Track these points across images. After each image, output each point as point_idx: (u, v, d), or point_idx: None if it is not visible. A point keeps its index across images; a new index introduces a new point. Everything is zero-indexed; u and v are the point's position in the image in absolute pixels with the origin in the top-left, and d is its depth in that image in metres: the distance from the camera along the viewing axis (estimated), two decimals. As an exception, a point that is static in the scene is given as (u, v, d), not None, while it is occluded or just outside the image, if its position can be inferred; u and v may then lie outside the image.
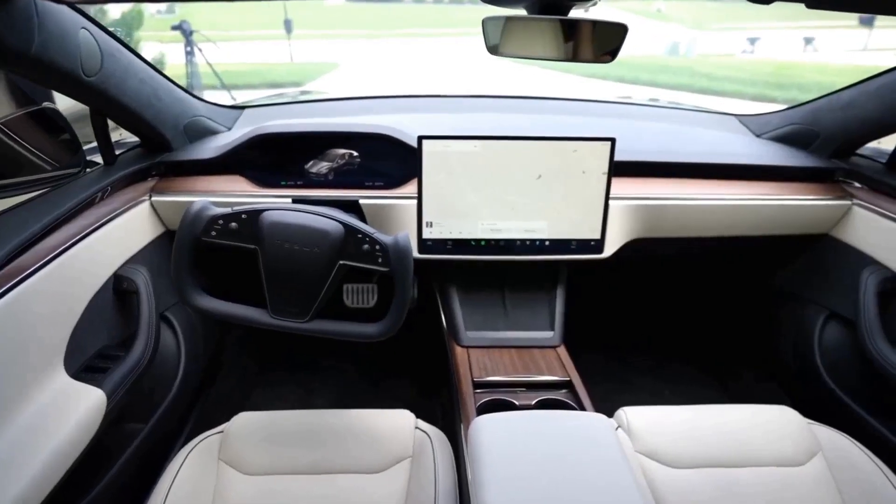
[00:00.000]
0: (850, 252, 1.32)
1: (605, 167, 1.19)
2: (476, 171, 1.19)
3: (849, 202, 1.32)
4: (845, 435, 1.07)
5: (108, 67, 0.98)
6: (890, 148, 1.29)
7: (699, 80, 9.36)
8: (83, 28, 0.89)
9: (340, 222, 0.93)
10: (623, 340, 2.06)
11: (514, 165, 1.19)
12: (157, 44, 6.34)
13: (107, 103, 1.05)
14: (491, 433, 0.87)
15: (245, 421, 1.06)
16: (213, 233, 0.93)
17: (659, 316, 2.12)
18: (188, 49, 5.22)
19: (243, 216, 0.93)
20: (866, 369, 1.19)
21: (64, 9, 0.83)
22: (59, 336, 0.95)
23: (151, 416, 1.18)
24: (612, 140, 1.17)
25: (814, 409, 1.39)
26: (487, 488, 0.76)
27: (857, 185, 1.35)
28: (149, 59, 1.19)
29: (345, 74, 9.75)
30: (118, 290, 1.12)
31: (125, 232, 1.16)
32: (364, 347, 1.95)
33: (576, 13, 0.86)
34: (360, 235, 0.93)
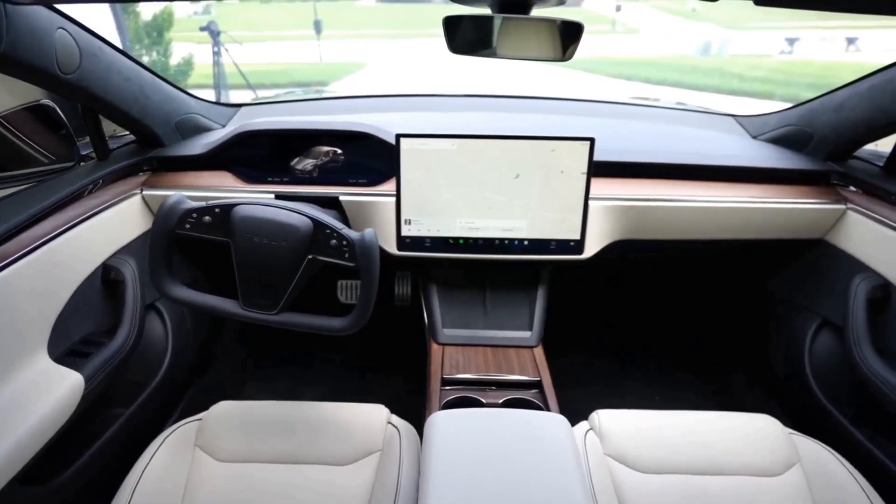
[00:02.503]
0: (844, 258, 1.28)
1: (584, 167, 1.18)
2: (453, 169, 1.19)
3: (843, 206, 1.27)
4: (826, 447, 1.04)
5: (88, 66, 1.03)
6: (888, 150, 1.24)
7: (730, 81, 9.10)
8: (60, 28, 0.94)
9: (309, 217, 0.95)
10: (617, 343, 2.03)
11: (492, 164, 1.19)
12: (189, 44, 6.53)
13: (90, 99, 1.10)
14: (443, 429, 0.88)
15: (224, 409, 1.09)
16: (188, 225, 0.96)
17: (653, 319, 2.09)
18: (215, 49, 5.39)
19: (216, 210, 0.96)
20: (854, 379, 1.15)
21: (39, 10, 0.87)
22: (44, 321, 1.00)
23: (134, 401, 1.23)
24: (591, 140, 1.16)
25: (801, 418, 1.35)
26: (431, 484, 0.77)
27: (852, 188, 1.30)
28: (178, 59, 1.23)
29: (370, 74, 9.85)
30: (106, 279, 1.17)
31: (115, 224, 1.21)
32: (356, 343, 1.98)
33: (538, 12, 0.87)
34: (328, 231, 0.95)
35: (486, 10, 0.87)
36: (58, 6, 0.92)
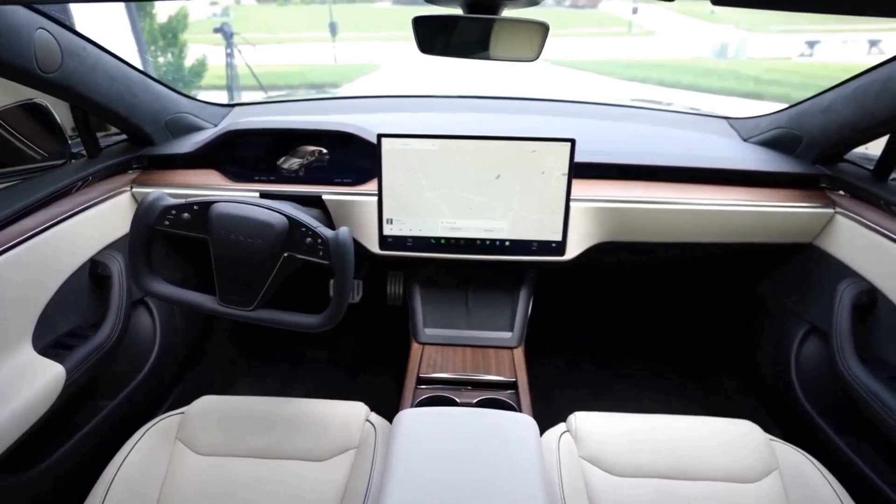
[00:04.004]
0: (832, 262, 1.25)
1: (565, 168, 1.18)
2: (434, 169, 1.20)
3: (831, 210, 1.25)
4: (805, 454, 1.02)
5: (71, 65, 1.05)
6: (878, 154, 1.22)
7: (745, 84, 8.98)
8: (41, 28, 0.96)
9: (285, 215, 0.97)
10: (606, 346, 2.02)
11: (472, 165, 1.19)
12: (205, 46, 6.63)
13: (75, 98, 1.13)
14: (409, 427, 0.89)
15: (206, 404, 1.10)
16: (167, 222, 0.98)
17: (643, 323, 2.07)
18: (228, 51, 5.48)
19: (195, 207, 0.98)
20: (838, 387, 1.13)
21: (18, 10, 0.90)
22: (28, 314, 1.03)
23: (119, 394, 1.25)
24: (572, 141, 1.16)
25: (787, 425, 1.33)
26: (390, 482, 0.78)
27: (841, 192, 1.28)
28: (192, 60, 1.24)
29: (383, 76, 9.91)
30: (94, 274, 1.20)
31: (104, 220, 1.24)
32: (348, 342, 2.00)
33: (509, 12, 0.87)
34: (303, 229, 0.96)
35: (457, 11, 0.88)
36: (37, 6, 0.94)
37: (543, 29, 0.82)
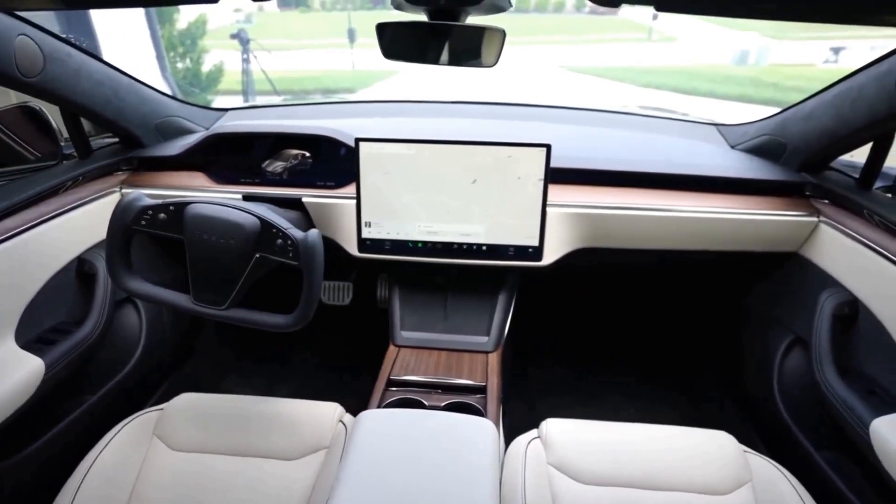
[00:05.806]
0: (816, 272, 1.23)
1: (541, 173, 1.18)
2: (411, 173, 1.21)
3: (816, 219, 1.23)
4: (780, 467, 1.00)
5: (53, 69, 1.09)
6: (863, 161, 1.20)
7: (764, 91, 8.83)
8: (22, 34, 1.00)
9: (257, 217, 0.98)
10: (594, 354, 2.01)
11: (448, 169, 1.20)
12: (227, 51, 6.77)
13: (60, 101, 1.16)
14: (367, 428, 0.89)
15: (185, 400, 1.13)
16: (143, 222, 1.01)
17: (631, 331, 2.06)
18: (244, 56, 5.59)
19: (171, 208, 1.00)
20: (817, 399, 1.11)
21: None
22: (12, 308, 1.06)
23: (100, 389, 1.28)
24: (548, 146, 1.16)
25: (767, 437, 1.31)
26: (341, 482, 0.79)
27: (825, 201, 1.26)
28: (209, 65, 1.26)
29: (400, 82, 9.96)
30: (80, 272, 1.23)
31: (93, 219, 1.27)
32: (336, 343, 2.02)
33: (473, 19, 0.88)
34: (274, 230, 0.98)
35: (421, 17, 0.89)
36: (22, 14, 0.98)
37: (501, 35, 0.83)
